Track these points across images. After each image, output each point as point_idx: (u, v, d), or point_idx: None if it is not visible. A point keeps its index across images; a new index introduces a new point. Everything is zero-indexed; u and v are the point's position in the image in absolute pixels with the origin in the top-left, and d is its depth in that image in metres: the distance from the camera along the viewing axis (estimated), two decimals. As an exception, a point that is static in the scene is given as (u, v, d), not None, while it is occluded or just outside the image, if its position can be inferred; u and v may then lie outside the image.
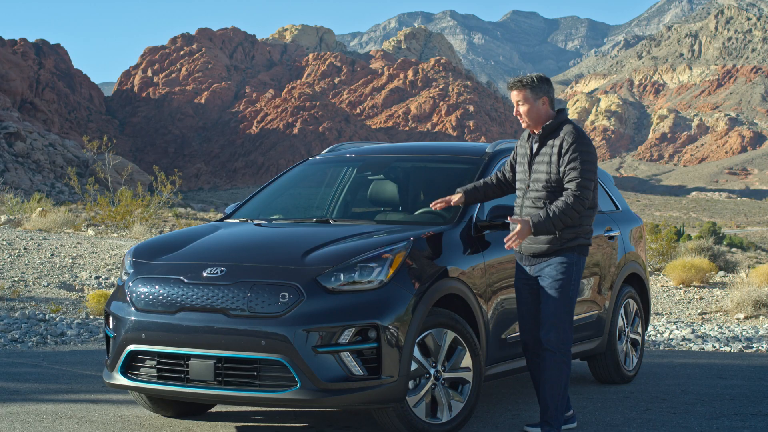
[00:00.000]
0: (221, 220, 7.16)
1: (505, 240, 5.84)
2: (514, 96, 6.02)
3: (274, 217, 7.13)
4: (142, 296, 5.92)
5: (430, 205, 6.40)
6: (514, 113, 6.11)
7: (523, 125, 6.04)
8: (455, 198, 6.32)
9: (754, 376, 8.74)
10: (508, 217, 6.00)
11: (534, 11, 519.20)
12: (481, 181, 6.42)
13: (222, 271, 5.78)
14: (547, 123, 5.97)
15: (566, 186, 5.84)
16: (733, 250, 35.33)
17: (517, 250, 6.09)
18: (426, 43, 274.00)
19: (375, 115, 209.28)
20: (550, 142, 5.95)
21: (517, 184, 6.12)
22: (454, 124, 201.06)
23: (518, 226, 5.80)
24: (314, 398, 5.48)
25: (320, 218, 6.97)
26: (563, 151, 5.86)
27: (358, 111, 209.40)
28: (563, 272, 5.92)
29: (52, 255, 16.32)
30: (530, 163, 6.03)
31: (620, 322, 7.91)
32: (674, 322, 13.60)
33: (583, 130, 6.01)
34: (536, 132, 6.04)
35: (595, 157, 5.94)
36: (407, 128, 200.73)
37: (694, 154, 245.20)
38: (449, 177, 7.09)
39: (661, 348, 11.24)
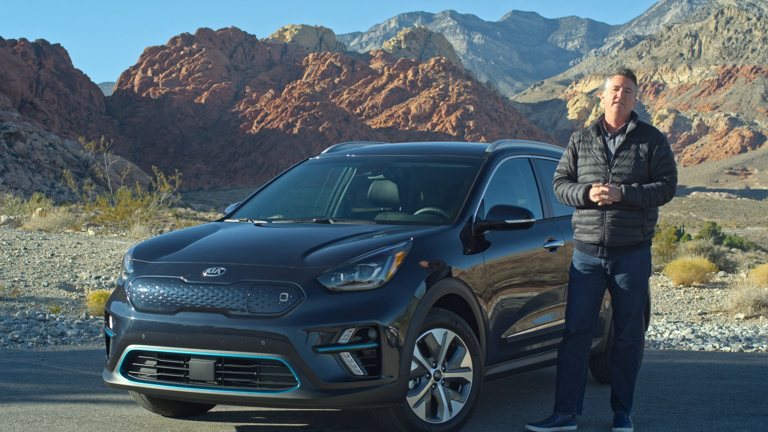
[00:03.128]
0: (221, 220, 7.16)
1: (595, 186, 6.03)
2: (622, 81, 6.19)
3: (274, 217, 7.12)
4: (142, 296, 5.91)
5: (600, 196, 6.14)
6: (611, 98, 6.19)
7: (614, 110, 6.18)
8: (621, 188, 6.15)
9: (754, 376, 8.74)
10: (601, 183, 6.07)
11: (534, 11, 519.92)
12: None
13: (222, 271, 5.78)
14: (633, 121, 6.20)
15: (660, 177, 6.11)
16: (733, 250, 35.29)
17: (593, 242, 6.18)
18: (426, 43, 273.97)
19: (375, 115, 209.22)
20: (636, 140, 6.16)
21: (589, 177, 6.21)
22: (454, 124, 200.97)
23: (608, 187, 6.01)
24: (314, 398, 5.48)
25: (320, 218, 6.96)
26: (655, 150, 6.12)
27: (358, 111, 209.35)
28: (643, 266, 6.21)
29: (52, 255, 16.32)
30: (611, 157, 6.16)
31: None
32: (674, 322, 13.60)
33: None
34: (614, 126, 6.22)
35: None
36: (407, 128, 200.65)
37: (694, 154, 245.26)
38: (449, 177, 7.09)
39: (661, 348, 11.24)
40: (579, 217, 6.29)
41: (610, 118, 6.24)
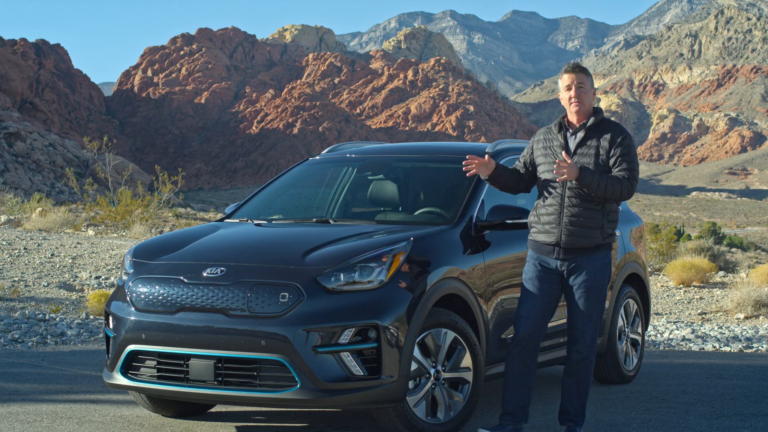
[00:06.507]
0: (221, 220, 7.17)
1: (559, 162, 5.69)
2: (575, 78, 5.90)
3: (274, 217, 7.13)
4: (142, 296, 5.92)
5: (464, 164, 6.02)
6: (567, 98, 5.92)
7: (574, 110, 5.91)
8: (486, 159, 5.99)
9: (754, 376, 8.74)
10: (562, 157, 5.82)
11: (534, 11, 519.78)
12: (510, 167, 6.19)
13: (222, 271, 5.78)
14: (594, 117, 5.93)
15: (619, 173, 5.82)
16: (733, 250, 35.28)
17: (549, 242, 5.88)
18: (426, 43, 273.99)
19: (375, 115, 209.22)
20: (596, 135, 5.90)
21: (547, 174, 5.92)
22: (454, 124, 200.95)
23: (569, 162, 5.71)
24: (314, 398, 5.48)
25: (320, 218, 6.97)
26: (615, 145, 5.84)
27: (358, 111, 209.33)
28: (602, 270, 5.88)
29: (52, 255, 16.32)
30: (570, 154, 5.87)
31: (620, 322, 7.90)
32: (674, 322, 13.60)
33: None
34: (576, 124, 5.95)
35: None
36: (407, 128, 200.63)
37: (694, 154, 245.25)
38: (449, 177, 7.09)
39: (661, 348, 11.24)
40: (536, 217, 5.98)
41: (572, 117, 5.98)
